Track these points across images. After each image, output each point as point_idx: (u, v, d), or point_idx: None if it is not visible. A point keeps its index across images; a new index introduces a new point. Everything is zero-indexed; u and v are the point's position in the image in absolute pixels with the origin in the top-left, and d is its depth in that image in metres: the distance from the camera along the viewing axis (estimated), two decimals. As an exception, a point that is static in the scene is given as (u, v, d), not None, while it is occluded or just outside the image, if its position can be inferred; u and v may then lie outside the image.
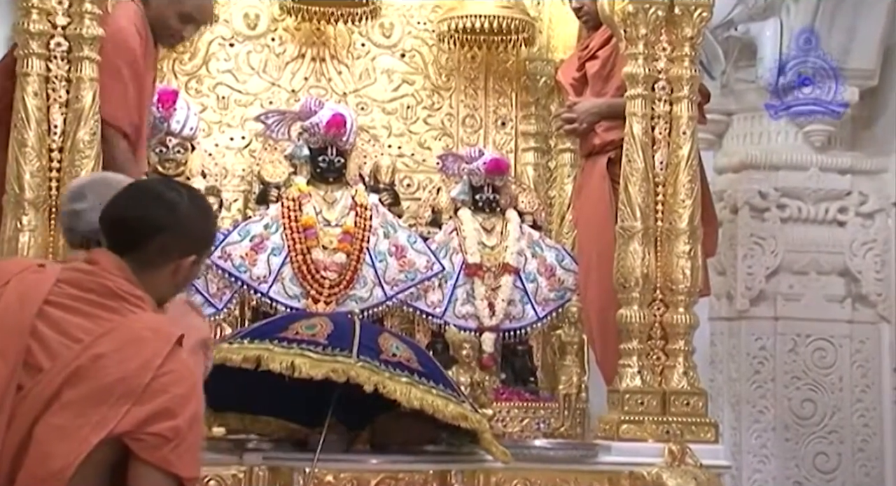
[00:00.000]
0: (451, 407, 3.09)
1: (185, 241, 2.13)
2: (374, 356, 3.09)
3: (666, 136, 3.81)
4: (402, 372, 3.09)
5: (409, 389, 3.05)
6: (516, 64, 4.69)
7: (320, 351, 3.07)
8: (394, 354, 3.12)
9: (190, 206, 2.15)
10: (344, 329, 3.16)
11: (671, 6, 3.79)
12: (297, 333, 3.14)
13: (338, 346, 3.09)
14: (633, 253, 3.73)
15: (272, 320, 3.55)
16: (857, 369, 4.92)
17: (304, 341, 3.10)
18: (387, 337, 3.23)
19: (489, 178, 4.37)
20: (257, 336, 3.18)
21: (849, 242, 4.96)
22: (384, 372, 3.06)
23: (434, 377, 3.14)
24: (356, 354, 3.07)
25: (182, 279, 2.18)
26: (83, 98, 3.40)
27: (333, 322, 3.21)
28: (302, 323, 3.20)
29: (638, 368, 3.73)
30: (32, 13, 3.40)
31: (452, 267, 4.30)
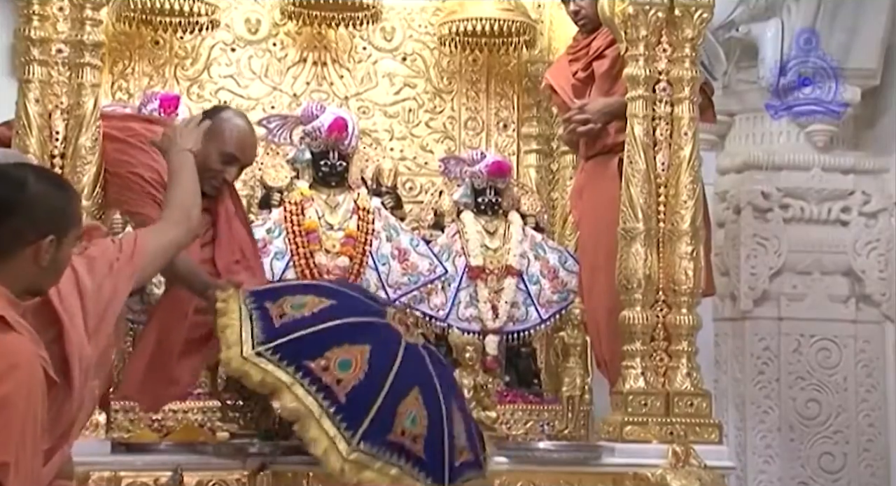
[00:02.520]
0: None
1: (39, 221, 2.06)
2: (381, 436, 2.98)
3: (667, 137, 3.81)
4: (398, 461, 2.99)
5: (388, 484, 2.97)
6: (518, 66, 4.70)
7: (331, 414, 2.96)
8: (403, 431, 3.02)
9: (38, 183, 2.08)
10: (374, 379, 3.01)
11: (671, 7, 3.78)
12: (328, 368, 2.99)
13: (352, 412, 2.97)
14: (635, 254, 3.73)
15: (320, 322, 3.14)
16: (862, 368, 4.91)
17: (324, 390, 2.97)
18: (412, 400, 3.05)
19: (491, 180, 4.38)
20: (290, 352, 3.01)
21: (852, 241, 4.95)
22: (376, 463, 2.97)
23: (429, 467, 3.03)
24: (360, 436, 2.96)
25: (49, 263, 2.11)
26: (84, 104, 3.41)
27: (370, 363, 3.03)
28: (339, 353, 3.01)
29: (641, 369, 3.72)
30: (34, 20, 3.41)
31: (455, 270, 4.30)
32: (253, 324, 3.09)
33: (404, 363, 3.10)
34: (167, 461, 3.34)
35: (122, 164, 3.37)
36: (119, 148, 3.39)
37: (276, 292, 3.26)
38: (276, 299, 3.20)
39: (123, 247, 2.44)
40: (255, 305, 3.16)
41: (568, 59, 4.27)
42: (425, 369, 3.17)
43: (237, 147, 3.48)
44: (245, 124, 3.55)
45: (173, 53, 4.46)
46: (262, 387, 3.02)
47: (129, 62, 4.42)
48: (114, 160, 3.39)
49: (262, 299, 3.20)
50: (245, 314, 3.12)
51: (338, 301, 3.20)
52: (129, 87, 4.40)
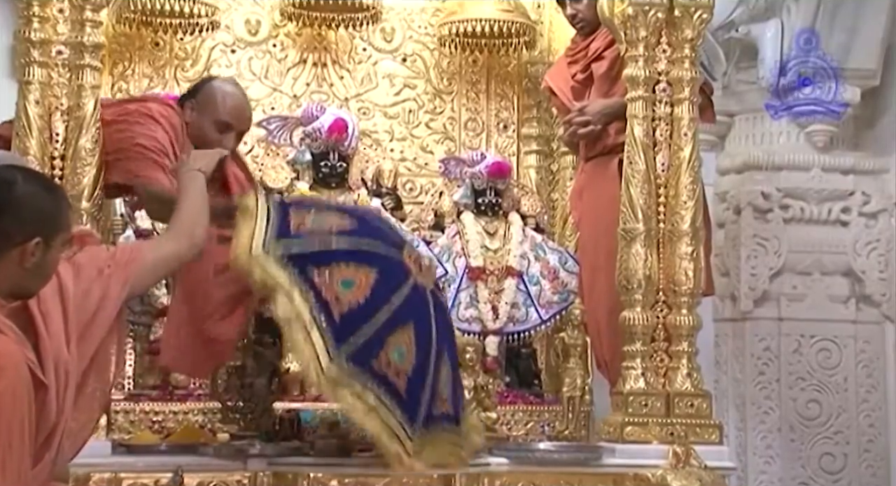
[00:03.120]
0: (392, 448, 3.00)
1: (26, 222, 2.06)
2: (365, 361, 2.97)
3: (667, 137, 3.81)
4: (378, 389, 2.97)
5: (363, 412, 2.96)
6: (518, 67, 4.70)
7: (322, 327, 2.94)
8: (388, 362, 3.00)
9: (26, 185, 2.08)
10: (372, 305, 2.99)
11: (671, 8, 3.78)
12: (331, 282, 2.96)
13: (342, 331, 2.95)
14: (635, 255, 3.73)
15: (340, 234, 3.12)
16: (862, 369, 4.91)
17: (321, 303, 2.93)
18: (405, 334, 3.04)
19: (491, 181, 4.38)
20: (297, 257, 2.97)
21: (852, 242, 4.95)
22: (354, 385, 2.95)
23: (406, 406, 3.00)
24: (345, 355, 2.94)
25: (35, 266, 2.11)
26: (85, 105, 3.41)
27: (372, 289, 3.00)
28: (346, 272, 2.99)
29: (642, 370, 3.72)
30: (34, 22, 3.41)
31: (455, 271, 4.30)
32: (269, 225, 3.05)
33: (407, 298, 3.08)
34: (168, 463, 3.34)
35: (125, 140, 3.37)
36: (119, 128, 3.39)
37: (302, 204, 3.26)
38: (299, 207, 3.19)
39: (118, 254, 2.44)
40: (278, 208, 3.13)
41: (567, 61, 4.27)
42: (426, 311, 3.15)
43: (231, 114, 3.44)
44: (236, 90, 3.54)
45: (173, 55, 4.46)
46: (262, 286, 2.97)
47: (130, 64, 4.42)
48: (116, 141, 3.38)
49: (286, 205, 3.19)
50: (263, 213, 3.07)
51: (359, 225, 3.17)
52: (129, 88, 4.40)
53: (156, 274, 2.57)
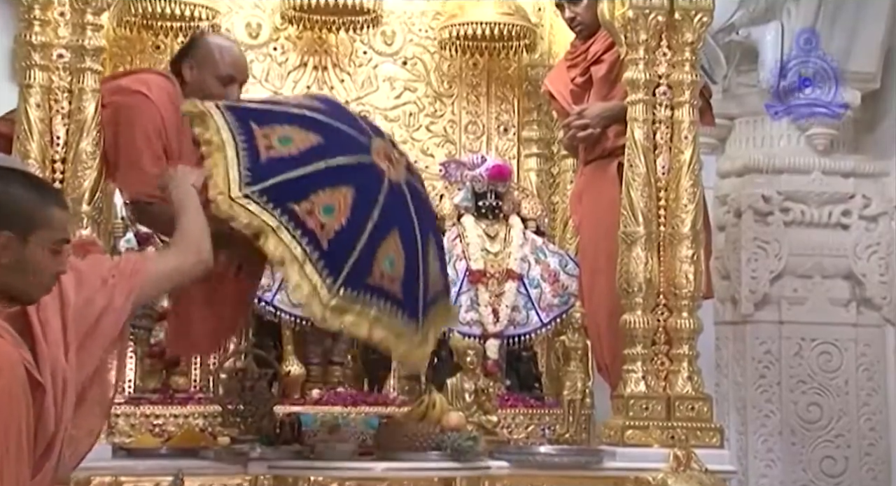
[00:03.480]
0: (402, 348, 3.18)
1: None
2: (360, 280, 3.03)
3: (668, 141, 3.81)
4: (377, 301, 3.06)
5: (368, 326, 3.06)
6: (518, 70, 4.70)
7: (314, 260, 2.98)
8: (381, 274, 3.08)
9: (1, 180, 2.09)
10: (356, 224, 3.05)
11: (671, 11, 3.78)
12: (312, 212, 3.00)
13: (334, 258, 3.01)
14: (635, 258, 3.73)
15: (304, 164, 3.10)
16: (863, 372, 4.91)
17: (308, 235, 2.98)
18: (391, 242, 3.12)
19: (492, 184, 4.38)
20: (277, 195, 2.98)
21: (853, 245, 4.95)
22: (355, 307, 3.04)
23: (404, 305, 3.13)
24: (341, 282, 3.00)
25: (14, 263, 2.11)
26: (85, 109, 3.40)
27: (352, 208, 3.05)
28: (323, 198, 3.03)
29: (642, 373, 3.72)
30: (34, 25, 3.41)
31: (456, 274, 4.30)
32: (239, 155, 3.03)
33: (385, 206, 3.14)
34: (168, 466, 3.34)
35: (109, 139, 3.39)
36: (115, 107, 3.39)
37: (260, 115, 3.22)
38: (261, 121, 3.15)
39: (122, 264, 2.43)
40: (241, 127, 3.09)
41: (566, 64, 4.27)
42: (406, 211, 3.21)
43: (233, 67, 3.47)
44: (231, 43, 3.58)
45: (174, 58, 4.45)
46: (249, 229, 2.98)
47: (130, 67, 4.40)
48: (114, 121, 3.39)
49: (246, 118, 3.14)
50: (230, 142, 3.05)
51: (325, 138, 3.18)
52: (129, 91, 4.39)
53: (159, 287, 2.55)
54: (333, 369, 4.23)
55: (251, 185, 2.99)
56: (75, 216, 3.36)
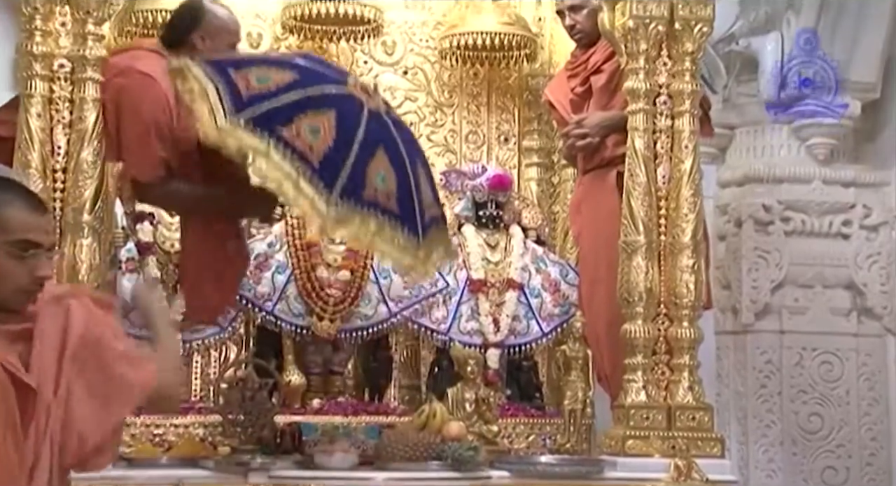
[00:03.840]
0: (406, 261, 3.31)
1: None
2: (356, 193, 3.17)
3: (668, 150, 3.82)
4: (376, 214, 3.20)
5: (370, 238, 3.21)
6: (518, 80, 4.71)
7: (308, 176, 3.11)
8: (376, 189, 3.22)
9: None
10: (342, 143, 3.18)
11: (671, 21, 3.80)
12: (299, 134, 3.14)
13: (326, 174, 3.13)
14: (636, 268, 3.73)
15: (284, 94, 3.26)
16: (864, 382, 4.91)
17: (298, 154, 3.11)
18: (379, 160, 3.25)
19: (492, 194, 4.38)
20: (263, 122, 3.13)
21: (853, 255, 4.95)
22: (355, 218, 3.17)
23: (405, 219, 3.27)
24: (338, 194, 3.13)
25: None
26: (86, 119, 3.41)
27: (336, 129, 3.20)
28: (307, 121, 3.17)
29: (643, 383, 3.72)
30: (36, 35, 3.42)
31: (456, 283, 4.30)
32: (220, 94, 3.19)
33: (368, 128, 3.28)
34: (169, 476, 3.34)
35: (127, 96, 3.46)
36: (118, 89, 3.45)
37: (237, 62, 3.38)
38: (238, 67, 3.31)
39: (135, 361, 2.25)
40: (219, 74, 3.25)
41: (567, 74, 4.28)
42: (389, 134, 3.36)
43: (238, 33, 3.66)
44: (229, 11, 3.67)
45: (174, 67, 4.45)
46: (240, 154, 3.12)
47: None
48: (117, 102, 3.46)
49: (223, 67, 3.30)
50: (209, 86, 3.21)
51: (301, 75, 3.33)
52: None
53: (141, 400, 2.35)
54: (334, 378, 4.22)
55: (236, 114, 3.15)
56: (76, 225, 3.38)
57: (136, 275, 3.96)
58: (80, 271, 3.39)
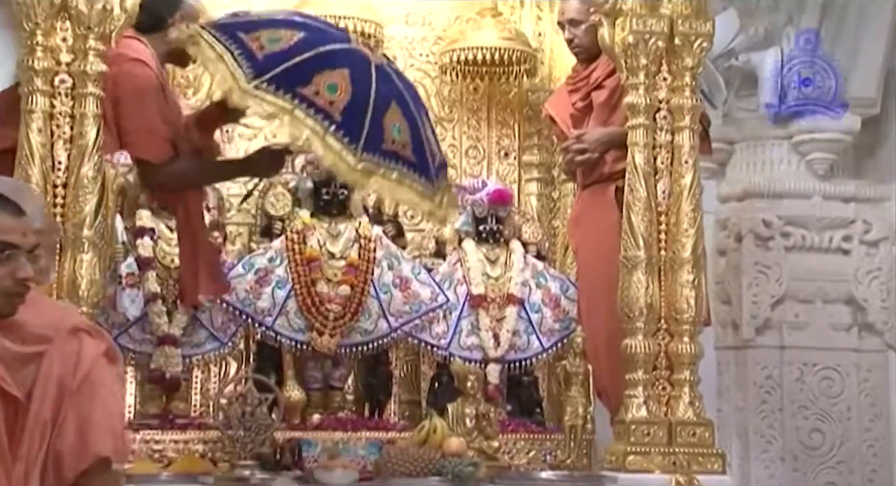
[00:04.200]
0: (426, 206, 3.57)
1: None
2: (377, 146, 3.38)
3: (668, 165, 3.82)
4: (396, 165, 3.43)
5: (394, 187, 3.45)
6: (518, 95, 4.71)
7: (332, 132, 3.32)
8: (394, 140, 3.43)
9: None
10: (360, 97, 3.39)
11: (671, 37, 3.81)
12: (318, 92, 3.34)
13: (349, 128, 3.35)
14: (636, 283, 3.73)
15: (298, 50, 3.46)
16: (865, 398, 4.90)
17: (322, 112, 3.32)
18: (393, 112, 3.46)
19: (493, 208, 4.38)
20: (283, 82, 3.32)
21: (854, 270, 4.95)
22: (379, 169, 3.39)
23: (419, 168, 3.49)
24: (362, 147, 3.34)
25: None
26: (87, 134, 3.41)
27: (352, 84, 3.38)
28: (324, 79, 3.36)
29: (643, 398, 3.72)
30: (37, 51, 3.42)
31: (457, 298, 4.29)
32: (237, 58, 3.37)
33: (379, 82, 3.48)
34: (168, 492, 3.32)
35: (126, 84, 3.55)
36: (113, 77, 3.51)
37: (245, 25, 3.51)
38: (248, 30, 3.46)
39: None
40: (230, 38, 3.42)
41: (568, 89, 4.29)
42: (395, 86, 3.56)
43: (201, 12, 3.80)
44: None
45: (175, 83, 4.46)
46: (265, 116, 3.42)
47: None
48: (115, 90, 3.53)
49: (233, 31, 3.46)
50: (221, 48, 3.40)
51: (307, 33, 3.50)
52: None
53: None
54: (334, 394, 4.22)
55: (256, 77, 3.33)
56: (76, 240, 3.37)
57: (136, 290, 3.96)
58: (80, 286, 3.38)
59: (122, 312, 3.92)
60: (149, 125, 3.58)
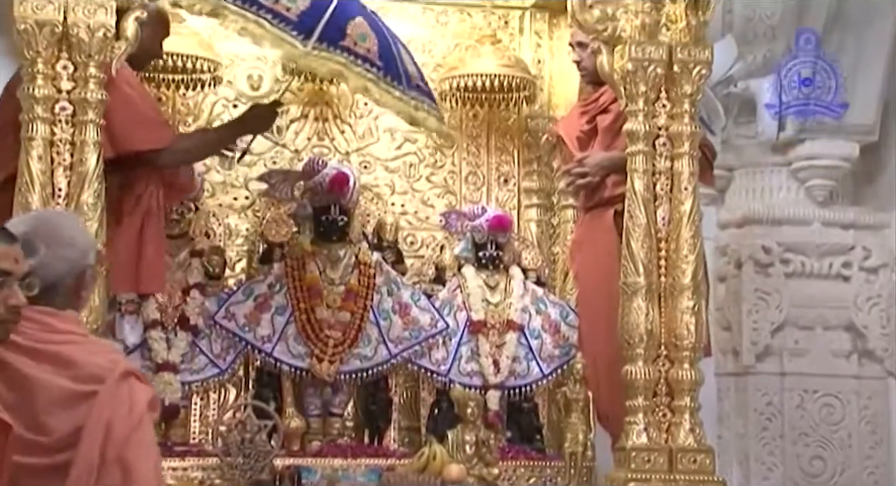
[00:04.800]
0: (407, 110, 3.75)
1: None
2: (336, 41, 3.55)
3: (668, 191, 3.83)
4: (363, 64, 3.60)
5: (366, 84, 3.63)
6: (518, 121, 4.72)
7: (382, 76, 3.61)
8: (355, 43, 3.59)
9: None
10: (385, 43, 3.63)
11: (670, 64, 3.82)
12: (356, 43, 3.58)
13: (392, 70, 3.66)
14: (636, 309, 3.73)
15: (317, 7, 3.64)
16: (866, 425, 4.88)
17: (366, 60, 3.59)
18: (359, 24, 3.63)
19: (492, 235, 4.38)
20: (328, 39, 3.53)
21: (853, 297, 4.95)
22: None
23: (392, 73, 3.68)
24: (317, 37, 3.50)
25: None
26: (87, 161, 3.42)
27: (371, 28, 3.63)
28: (352, 30, 3.59)
29: (644, 425, 3.70)
30: (38, 78, 3.43)
31: (456, 324, 4.29)
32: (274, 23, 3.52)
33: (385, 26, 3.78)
34: (166, 520, 3.31)
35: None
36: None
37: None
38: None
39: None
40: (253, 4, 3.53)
41: (579, 110, 4.32)
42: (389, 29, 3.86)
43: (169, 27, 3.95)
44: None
45: (175, 110, 4.48)
46: (328, 74, 3.75)
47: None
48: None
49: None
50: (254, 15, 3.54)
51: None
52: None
53: None
54: (333, 420, 4.20)
55: (306, 40, 3.54)
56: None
57: (135, 317, 3.96)
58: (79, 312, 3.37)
59: (122, 339, 3.92)
60: (147, 113, 3.71)
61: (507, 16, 4.74)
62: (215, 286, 4.15)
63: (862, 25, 4.92)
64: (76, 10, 3.44)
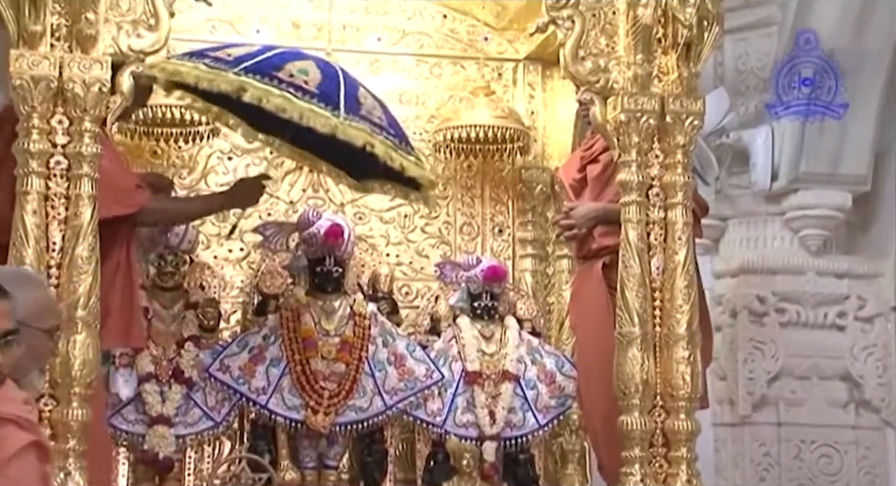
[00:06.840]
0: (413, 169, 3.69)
1: None
2: (356, 112, 3.57)
3: (661, 241, 3.83)
4: (381, 132, 3.60)
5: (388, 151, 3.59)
6: (512, 172, 4.74)
7: (308, 99, 3.49)
8: (369, 111, 3.63)
9: None
10: (331, 79, 3.61)
11: (663, 115, 3.84)
12: (292, 74, 3.54)
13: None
14: (632, 359, 3.72)
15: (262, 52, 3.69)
16: (864, 475, 4.85)
17: (301, 89, 3.51)
18: (363, 92, 3.69)
19: (487, 285, 4.38)
20: (258, 70, 3.52)
21: (849, 346, 4.94)
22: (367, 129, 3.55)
23: (399, 135, 3.71)
24: (343, 110, 3.52)
25: None
26: (82, 215, 3.42)
27: (321, 70, 3.61)
28: (295, 65, 3.58)
29: (641, 476, 3.68)
30: (33, 133, 3.44)
31: (452, 375, 4.28)
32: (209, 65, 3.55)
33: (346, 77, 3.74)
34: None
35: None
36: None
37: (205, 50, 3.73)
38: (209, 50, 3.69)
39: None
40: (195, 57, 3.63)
41: (579, 155, 4.33)
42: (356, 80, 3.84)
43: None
44: None
45: (171, 163, 4.49)
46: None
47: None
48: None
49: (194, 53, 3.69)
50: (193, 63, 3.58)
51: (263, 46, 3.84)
52: (126, 195, 4.41)
53: None
54: (329, 473, 4.18)
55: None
56: (70, 322, 3.36)
57: (129, 370, 3.95)
58: (73, 366, 3.36)
59: (115, 392, 3.90)
60: (122, 176, 3.67)
61: (501, 68, 4.78)
62: (210, 339, 4.14)
63: (854, 76, 4.95)
64: (72, 65, 3.46)
